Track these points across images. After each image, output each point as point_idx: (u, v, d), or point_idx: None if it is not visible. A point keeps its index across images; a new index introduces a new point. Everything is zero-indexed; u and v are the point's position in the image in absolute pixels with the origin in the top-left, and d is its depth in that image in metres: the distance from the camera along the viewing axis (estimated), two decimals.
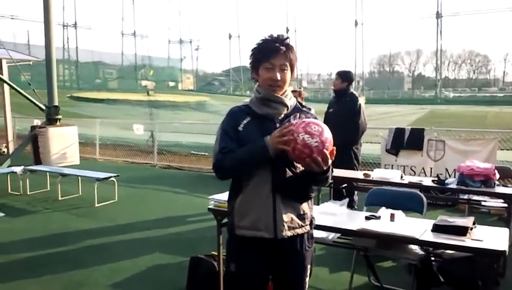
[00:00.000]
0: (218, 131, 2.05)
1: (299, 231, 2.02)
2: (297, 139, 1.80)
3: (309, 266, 2.11)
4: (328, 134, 1.86)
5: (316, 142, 1.80)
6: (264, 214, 1.97)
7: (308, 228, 2.07)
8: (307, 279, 2.10)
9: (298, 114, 2.05)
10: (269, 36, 2.03)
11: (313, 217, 2.12)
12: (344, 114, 5.34)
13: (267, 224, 1.97)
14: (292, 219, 2.00)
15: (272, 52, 1.98)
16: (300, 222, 2.02)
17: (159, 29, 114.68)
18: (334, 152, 1.87)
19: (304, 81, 65.55)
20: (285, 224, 1.97)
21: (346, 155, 5.35)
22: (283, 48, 1.98)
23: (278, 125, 1.98)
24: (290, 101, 2.06)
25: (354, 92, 5.61)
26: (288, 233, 1.98)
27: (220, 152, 1.99)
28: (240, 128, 2.00)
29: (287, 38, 2.05)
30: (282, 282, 2.09)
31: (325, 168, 1.85)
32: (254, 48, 2.04)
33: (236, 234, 2.04)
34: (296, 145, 1.81)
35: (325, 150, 1.82)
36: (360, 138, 5.56)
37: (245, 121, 2.01)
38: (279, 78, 1.98)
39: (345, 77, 5.56)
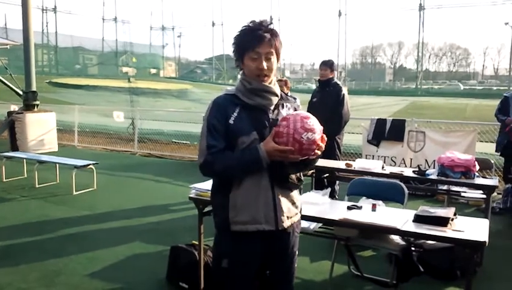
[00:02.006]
0: (204, 124, 1.94)
1: (295, 219, 2.06)
2: (302, 140, 1.82)
3: (297, 252, 2.13)
4: (313, 117, 1.91)
5: (318, 134, 1.87)
6: (264, 206, 1.93)
7: (299, 215, 2.11)
8: (295, 261, 2.13)
9: (284, 103, 2.03)
10: (251, 22, 1.93)
11: (301, 203, 2.15)
12: (328, 104, 5.33)
13: (268, 216, 1.94)
14: (289, 208, 2.01)
15: (256, 41, 1.89)
16: (295, 210, 2.06)
17: (141, 15, 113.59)
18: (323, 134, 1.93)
19: (287, 71, 65.61)
20: (284, 214, 1.98)
21: (329, 145, 5.35)
22: (267, 35, 1.90)
23: (270, 115, 1.94)
24: (277, 88, 2.01)
25: (338, 82, 5.61)
26: (287, 223, 2.00)
27: (209, 152, 1.89)
28: (231, 120, 1.90)
29: (271, 23, 1.96)
30: (276, 270, 2.08)
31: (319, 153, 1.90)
32: (237, 36, 1.95)
33: (233, 230, 1.95)
34: (302, 146, 1.83)
35: (323, 135, 1.90)
36: (343, 128, 5.56)
37: (235, 113, 1.92)
38: (265, 67, 1.91)
39: (332, 66, 5.57)
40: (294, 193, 2.06)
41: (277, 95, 1.99)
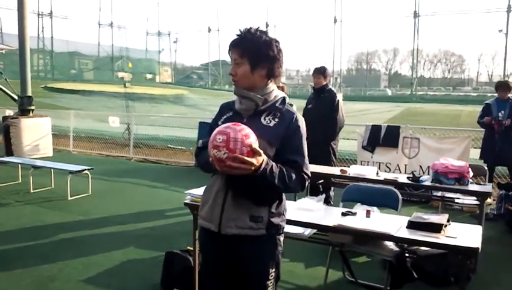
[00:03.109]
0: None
1: (250, 232, 1.94)
2: (210, 156, 1.82)
3: (272, 270, 2.01)
4: (237, 134, 1.77)
5: (224, 153, 1.75)
6: (214, 207, 1.99)
7: (263, 231, 1.96)
8: (269, 282, 2.01)
9: (270, 113, 1.96)
10: (240, 29, 1.99)
11: (274, 224, 1.99)
12: (322, 110, 5.38)
13: (215, 217, 1.99)
14: (241, 218, 1.94)
15: (229, 47, 1.99)
16: (252, 224, 1.94)
17: (137, 20, 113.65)
18: (255, 147, 1.78)
19: (283, 77, 65.65)
20: (232, 221, 1.94)
21: (324, 151, 5.39)
22: (236, 41, 1.96)
23: (244, 121, 1.95)
24: (269, 96, 1.98)
25: (333, 88, 5.65)
26: (233, 231, 1.94)
27: (198, 147, 2.11)
28: (220, 122, 2.01)
29: (250, 30, 1.96)
30: (242, 281, 2.06)
31: (252, 168, 1.77)
32: None
33: (198, 223, 2.12)
34: (213, 161, 1.82)
35: (237, 155, 1.74)
36: (338, 134, 5.60)
37: (225, 116, 2.04)
38: (232, 72, 1.99)
39: (325, 73, 5.63)
40: (261, 209, 1.95)
41: (256, 103, 1.96)
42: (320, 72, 5.59)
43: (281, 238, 2.06)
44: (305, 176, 1.96)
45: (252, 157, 1.77)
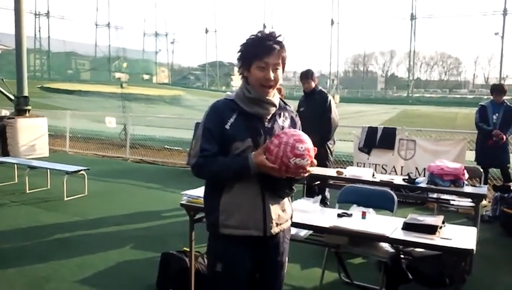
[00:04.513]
0: (201, 127, 1.99)
1: (284, 225, 2.08)
2: (289, 164, 1.85)
3: (286, 259, 2.16)
4: (308, 141, 1.91)
5: (307, 160, 1.87)
6: (253, 212, 1.97)
7: (290, 221, 2.14)
8: (284, 272, 2.15)
9: (282, 113, 2.07)
10: (260, 33, 1.96)
11: (293, 213, 2.17)
12: (315, 111, 5.38)
13: (257, 222, 1.97)
14: (279, 215, 2.03)
15: (266, 51, 1.91)
16: (285, 217, 2.08)
17: (134, 21, 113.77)
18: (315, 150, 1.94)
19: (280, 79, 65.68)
20: (273, 221, 2.00)
21: (321, 152, 5.38)
22: (277, 47, 1.93)
23: (266, 124, 1.98)
24: (276, 99, 2.04)
25: (323, 89, 5.67)
26: (276, 229, 2.02)
27: (202, 155, 1.94)
28: (227, 126, 1.94)
29: (280, 35, 1.98)
30: (266, 276, 2.10)
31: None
32: (245, 44, 1.97)
33: (222, 233, 1.99)
34: (289, 169, 1.86)
35: (314, 161, 1.91)
36: (333, 134, 5.60)
37: (232, 119, 1.95)
38: (272, 78, 1.94)
39: (312, 76, 5.64)
40: (285, 200, 2.09)
41: (275, 106, 2.02)
42: (308, 76, 5.60)
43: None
44: None
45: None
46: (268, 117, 2.01)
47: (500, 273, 4.07)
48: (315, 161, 1.92)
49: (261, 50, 1.91)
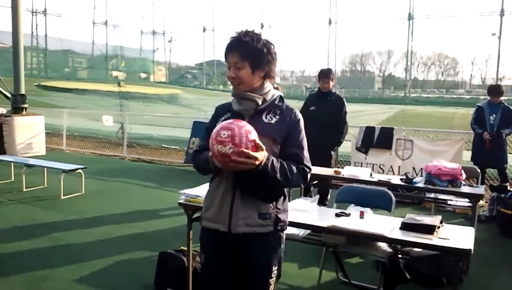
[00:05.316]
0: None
1: (259, 229, 2.00)
2: (213, 150, 1.83)
3: (274, 268, 2.07)
4: (241, 130, 1.82)
5: (230, 148, 1.79)
6: (222, 207, 2.01)
7: (271, 228, 2.02)
8: (271, 280, 2.06)
9: (271, 111, 2.04)
10: (236, 32, 2.02)
11: (281, 220, 2.06)
12: (330, 113, 5.35)
13: (224, 217, 2.01)
14: (251, 215, 1.99)
15: (226, 51, 2.02)
16: (260, 221, 2.00)
17: (132, 19, 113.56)
18: (258, 142, 1.83)
19: (277, 78, 65.82)
20: (241, 220, 1.98)
21: (327, 154, 5.38)
22: (236, 45, 1.98)
23: (246, 120, 1.96)
24: (267, 96, 2.05)
25: (336, 91, 5.66)
26: (243, 229, 1.99)
27: (195, 150, 2.16)
28: (217, 124, 1.99)
29: (248, 33, 1.99)
30: (244, 279, 2.08)
31: (256, 162, 1.83)
32: None
33: (203, 225, 2.12)
34: (216, 157, 1.84)
35: (243, 150, 1.79)
36: (344, 137, 5.64)
37: (222, 118, 2.04)
38: (233, 76, 2.00)
39: (332, 76, 5.58)
40: (268, 205, 2.02)
41: (255, 102, 2.01)
42: (329, 75, 5.48)
43: (284, 235, 2.12)
44: (306, 169, 2.02)
45: (256, 152, 1.83)
46: (250, 114, 2.02)
47: (497, 273, 4.08)
48: (254, 153, 1.81)
49: (225, 49, 2.02)
